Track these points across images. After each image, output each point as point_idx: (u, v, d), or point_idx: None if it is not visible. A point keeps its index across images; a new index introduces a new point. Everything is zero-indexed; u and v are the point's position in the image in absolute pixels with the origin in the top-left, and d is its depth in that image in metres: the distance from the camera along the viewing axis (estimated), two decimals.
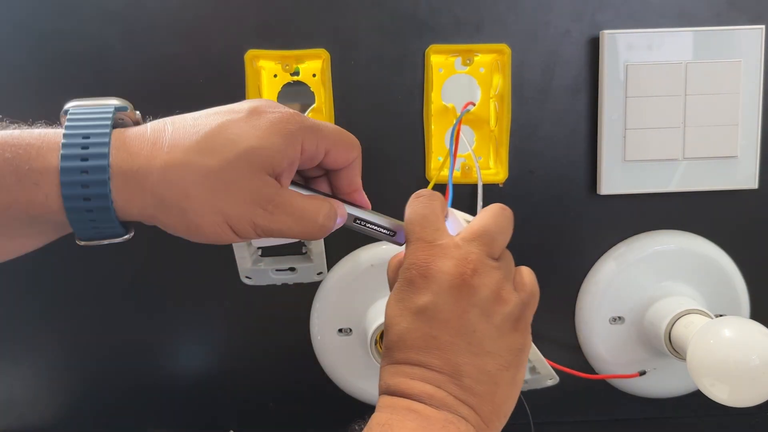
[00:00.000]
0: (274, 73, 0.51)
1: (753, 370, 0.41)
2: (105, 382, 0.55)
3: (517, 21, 0.50)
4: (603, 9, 0.50)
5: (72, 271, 0.53)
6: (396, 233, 0.37)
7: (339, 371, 0.54)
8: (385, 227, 0.37)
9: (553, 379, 0.52)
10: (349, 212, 0.37)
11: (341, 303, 0.53)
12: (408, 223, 0.36)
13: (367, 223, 0.37)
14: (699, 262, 0.53)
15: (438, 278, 0.33)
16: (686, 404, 0.56)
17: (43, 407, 0.56)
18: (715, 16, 0.50)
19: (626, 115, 0.50)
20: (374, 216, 0.37)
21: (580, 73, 0.51)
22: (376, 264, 0.52)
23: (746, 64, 0.50)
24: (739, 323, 0.44)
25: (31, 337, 0.54)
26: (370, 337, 0.48)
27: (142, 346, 0.55)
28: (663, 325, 0.49)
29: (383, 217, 0.37)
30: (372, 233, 0.37)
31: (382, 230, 0.37)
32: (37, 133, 0.30)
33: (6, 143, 0.29)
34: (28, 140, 0.30)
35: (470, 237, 0.34)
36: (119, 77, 0.50)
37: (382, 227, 0.37)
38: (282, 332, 0.55)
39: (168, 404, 0.56)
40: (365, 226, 0.37)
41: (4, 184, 0.29)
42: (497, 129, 0.51)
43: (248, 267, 0.51)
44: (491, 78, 0.51)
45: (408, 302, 0.33)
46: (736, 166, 0.51)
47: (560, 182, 0.52)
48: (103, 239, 0.32)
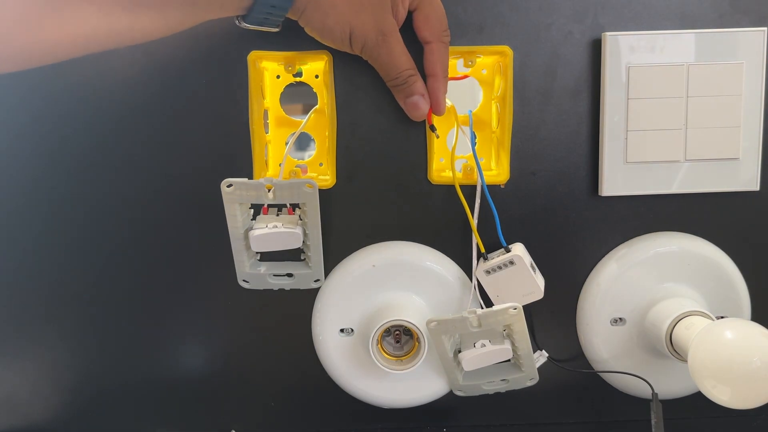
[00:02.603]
0: (276, 74, 0.51)
1: (754, 372, 0.41)
2: (106, 383, 0.56)
3: (519, 23, 0.50)
4: (605, 11, 0.50)
5: (73, 272, 0.53)
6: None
7: (340, 371, 0.54)
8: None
9: (534, 379, 0.52)
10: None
11: (343, 303, 0.53)
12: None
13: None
14: (700, 263, 0.53)
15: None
16: (687, 406, 0.56)
17: (45, 407, 0.56)
18: (717, 18, 0.50)
19: (628, 117, 0.50)
20: None
21: (581, 74, 0.51)
22: (378, 264, 0.52)
23: (748, 66, 0.50)
24: (740, 325, 0.44)
25: (31, 337, 0.55)
26: (372, 338, 0.49)
27: (142, 346, 0.55)
28: (664, 327, 0.49)
29: None
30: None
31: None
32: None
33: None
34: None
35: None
36: (121, 77, 0.50)
37: None
38: (283, 332, 0.55)
39: (169, 404, 0.56)
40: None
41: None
42: (499, 130, 0.52)
43: (246, 271, 0.51)
44: (493, 79, 0.51)
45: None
46: (738, 168, 0.51)
47: (561, 183, 0.52)
48: (263, 25, 0.44)
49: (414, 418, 0.56)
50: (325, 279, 0.53)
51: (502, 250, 0.50)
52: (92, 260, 0.53)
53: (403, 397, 0.54)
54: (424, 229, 0.53)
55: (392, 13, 0.44)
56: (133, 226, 0.52)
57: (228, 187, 0.47)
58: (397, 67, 0.46)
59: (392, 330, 0.51)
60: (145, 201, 0.52)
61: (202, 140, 0.51)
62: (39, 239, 0.53)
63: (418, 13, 0.45)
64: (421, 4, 0.45)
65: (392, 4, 0.44)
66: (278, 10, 0.42)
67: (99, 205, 0.52)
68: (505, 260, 0.49)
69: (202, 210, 0.51)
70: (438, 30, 0.46)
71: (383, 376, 0.52)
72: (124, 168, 0.51)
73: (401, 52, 0.45)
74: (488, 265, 0.49)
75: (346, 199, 0.52)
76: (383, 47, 0.45)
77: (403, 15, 0.45)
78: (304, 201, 0.48)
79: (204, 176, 0.51)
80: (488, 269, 0.49)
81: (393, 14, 0.44)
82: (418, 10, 0.45)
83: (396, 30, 0.45)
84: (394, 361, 0.50)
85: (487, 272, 0.49)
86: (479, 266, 0.50)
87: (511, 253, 0.49)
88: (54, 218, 0.52)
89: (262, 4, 0.41)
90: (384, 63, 0.46)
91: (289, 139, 0.51)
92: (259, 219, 0.49)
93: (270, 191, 0.47)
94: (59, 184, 0.52)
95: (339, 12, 0.43)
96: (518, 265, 0.48)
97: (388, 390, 0.54)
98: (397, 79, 0.46)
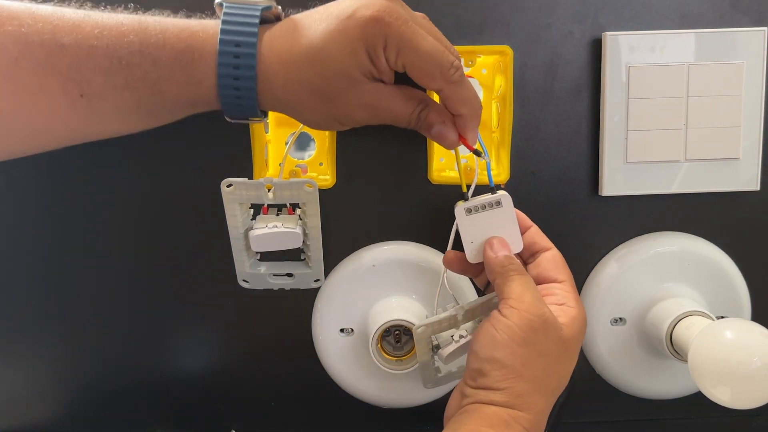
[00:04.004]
0: None
1: (754, 372, 0.41)
2: (106, 383, 0.56)
3: (520, 23, 0.50)
4: (605, 11, 0.50)
5: (73, 272, 0.53)
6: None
7: (341, 371, 0.54)
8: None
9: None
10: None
11: (343, 303, 0.53)
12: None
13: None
14: (700, 263, 0.53)
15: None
16: (687, 406, 0.56)
17: (45, 407, 0.56)
18: (717, 18, 0.50)
19: (628, 117, 0.50)
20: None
21: (582, 74, 0.51)
22: (378, 264, 0.52)
23: (749, 66, 0.50)
24: (740, 325, 0.44)
25: (31, 337, 0.54)
26: (372, 338, 0.49)
27: (142, 346, 0.55)
28: (664, 327, 0.49)
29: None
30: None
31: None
32: (192, 30, 0.38)
33: (169, 42, 0.37)
34: (188, 40, 0.38)
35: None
36: None
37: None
38: (283, 332, 0.55)
39: (169, 404, 0.56)
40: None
41: (176, 80, 0.38)
42: (499, 130, 0.52)
43: (246, 271, 0.51)
44: (493, 79, 0.51)
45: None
46: (738, 168, 0.51)
47: (562, 183, 0.52)
48: (245, 121, 0.41)
49: (414, 419, 0.56)
50: (325, 279, 0.53)
51: (488, 193, 0.46)
52: (92, 260, 0.53)
53: (403, 398, 0.54)
54: (424, 229, 0.53)
55: (370, 77, 0.39)
56: (132, 226, 0.52)
57: (228, 187, 0.47)
58: (402, 116, 0.41)
59: (392, 330, 0.51)
60: (145, 200, 0.52)
61: (202, 140, 0.51)
62: (39, 239, 0.52)
63: (409, 69, 0.39)
64: (404, 59, 0.38)
65: (363, 72, 0.38)
66: (246, 111, 0.40)
67: (99, 204, 0.52)
68: (492, 200, 0.45)
69: (202, 210, 0.51)
70: (440, 74, 0.38)
71: (383, 376, 0.52)
72: (124, 167, 0.51)
73: (398, 104, 0.40)
74: (471, 203, 0.45)
75: (346, 199, 0.52)
76: (377, 115, 0.40)
77: (386, 67, 0.38)
78: (304, 201, 0.48)
79: (204, 176, 0.51)
80: (470, 207, 0.45)
81: (372, 76, 0.39)
82: (406, 66, 0.38)
83: (382, 92, 0.39)
84: (394, 361, 0.50)
85: (468, 211, 0.45)
86: (460, 204, 0.45)
87: (499, 194, 0.45)
88: (54, 218, 0.52)
89: (232, 114, 0.40)
90: (388, 121, 0.41)
91: (289, 138, 0.51)
92: (259, 219, 0.49)
93: (270, 191, 0.47)
94: (59, 184, 0.52)
95: (310, 108, 0.40)
96: (505, 206, 0.44)
97: (388, 390, 0.54)
98: (409, 123, 0.42)
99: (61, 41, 0.36)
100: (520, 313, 0.39)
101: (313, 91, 0.38)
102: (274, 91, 0.39)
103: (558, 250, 0.45)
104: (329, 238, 0.52)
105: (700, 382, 0.43)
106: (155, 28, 0.38)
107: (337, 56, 0.37)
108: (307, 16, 0.39)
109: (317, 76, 0.38)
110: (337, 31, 0.37)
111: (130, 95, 0.38)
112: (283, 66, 0.38)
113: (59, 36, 0.36)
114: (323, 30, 0.38)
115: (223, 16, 0.38)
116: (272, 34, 0.39)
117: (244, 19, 0.38)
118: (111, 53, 0.37)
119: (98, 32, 0.37)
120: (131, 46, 0.37)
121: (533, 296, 0.40)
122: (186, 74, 0.38)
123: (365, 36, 0.37)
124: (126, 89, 0.38)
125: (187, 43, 0.38)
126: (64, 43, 0.36)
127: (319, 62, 0.38)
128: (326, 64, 0.37)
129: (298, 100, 0.39)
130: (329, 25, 0.37)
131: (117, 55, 0.37)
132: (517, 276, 0.42)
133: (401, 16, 0.37)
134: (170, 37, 0.38)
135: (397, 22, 0.37)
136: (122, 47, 0.37)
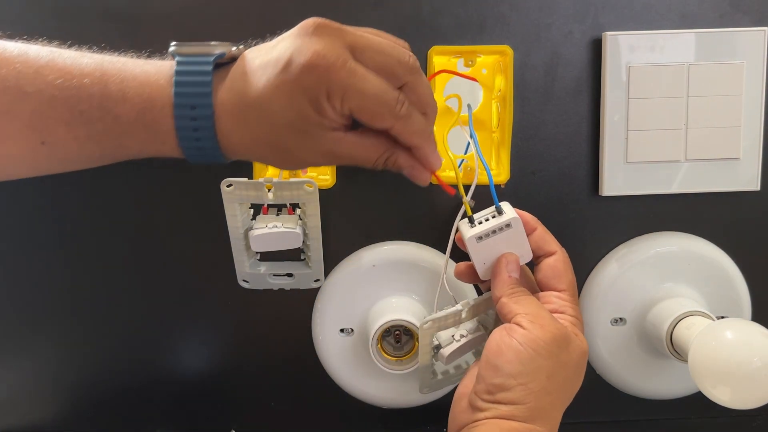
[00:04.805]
0: None
1: (755, 372, 0.41)
2: (105, 383, 0.56)
3: (520, 22, 0.50)
4: (605, 10, 0.50)
5: (73, 272, 0.53)
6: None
7: (340, 371, 0.54)
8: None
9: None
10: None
11: (343, 303, 0.53)
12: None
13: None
14: (701, 263, 0.53)
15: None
16: (687, 406, 0.56)
17: (45, 407, 0.56)
18: (718, 18, 0.50)
19: (628, 117, 0.50)
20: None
21: (582, 74, 0.51)
22: (378, 264, 0.52)
23: (749, 65, 0.50)
24: (740, 325, 0.44)
25: (32, 337, 0.54)
26: (372, 338, 0.49)
27: (142, 346, 0.55)
28: (664, 327, 0.49)
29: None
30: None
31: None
32: (151, 82, 0.37)
33: (129, 99, 0.36)
34: (148, 94, 0.36)
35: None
36: None
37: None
38: (283, 332, 0.55)
39: (169, 404, 0.56)
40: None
41: (138, 138, 0.37)
42: (499, 130, 0.52)
43: (246, 271, 0.51)
44: (493, 79, 0.51)
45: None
46: (739, 168, 0.51)
47: (562, 183, 0.52)
48: (211, 164, 0.40)
49: (414, 419, 0.56)
50: (325, 279, 0.53)
51: (492, 211, 0.45)
52: (92, 260, 0.53)
53: (403, 398, 0.54)
54: (424, 229, 0.53)
55: (322, 128, 0.36)
56: (132, 226, 0.52)
57: (228, 187, 0.47)
58: (366, 163, 0.39)
59: (392, 330, 0.51)
60: (145, 200, 0.52)
61: None
62: (39, 238, 0.52)
63: (356, 114, 0.37)
64: (350, 104, 0.36)
65: (313, 124, 0.36)
66: (210, 158, 0.38)
67: (99, 204, 0.52)
68: (501, 224, 0.43)
69: (202, 210, 0.51)
70: (388, 113, 0.37)
71: (383, 376, 0.52)
72: (124, 167, 0.51)
73: (360, 152, 0.38)
74: (480, 230, 0.43)
75: (346, 199, 0.52)
76: (339, 161, 0.38)
77: (335, 115, 0.36)
78: (304, 201, 0.48)
79: (204, 176, 0.50)
80: (481, 235, 0.43)
81: (324, 126, 0.36)
82: (353, 111, 0.36)
83: (340, 142, 0.37)
84: (394, 361, 0.50)
85: (479, 238, 0.44)
86: (470, 232, 0.44)
87: (507, 215, 0.44)
88: (54, 217, 0.52)
89: (200, 163, 0.39)
90: (354, 163, 0.39)
91: None
92: (259, 219, 0.49)
93: (270, 191, 0.47)
94: (59, 184, 0.52)
95: (272, 159, 0.39)
96: (515, 227, 0.44)
97: (388, 390, 0.54)
98: (375, 168, 0.40)
99: (24, 89, 0.35)
100: (543, 327, 0.39)
101: (268, 144, 0.37)
102: (234, 145, 0.38)
103: (563, 249, 0.45)
104: (329, 238, 0.52)
105: (700, 382, 0.43)
106: (116, 78, 0.36)
107: (281, 112, 0.36)
108: (253, 60, 0.37)
109: (268, 132, 0.37)
110: (276, 86, 0.35)
111: (92, 147, 0.37)
112: (237, 124, 0.37)
113: (22, 83, 0.35)
114: (265, 83, 0.36)
115: (175, 75, 0.36)
116: (224, 88, 0.37)
117: (197, 78, 0.36)
118: (72, 106, 0.36)
119: (60, 82, 0.36)
120: (92, 100, 0.36)
121: (547, 311, 0.41)
122: (148, 133, 0.37)
123: (305, 89, 0.35)
124: (88, 141, 0.37)
125: (147, 101, 0.36)
126: (26, 91, 0.35)
127: (266, 118, 0.36)
128: (274, 120, 0.36)
129: (257, 153, 0.38)
130: (269, 77, 0.36)
131: (78, 109, 0.36)
132: (527, 294, 0.42)
133: (339, 58, 0.35)
134: (130, 92, 0.36)
135: (335, 66, 0.35)
136: (83, 100, 0.36)
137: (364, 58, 0.36)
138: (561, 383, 0.39)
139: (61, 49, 0.38)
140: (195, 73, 0.37)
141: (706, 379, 0.43)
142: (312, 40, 0.35)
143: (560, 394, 0.39)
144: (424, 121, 0.39)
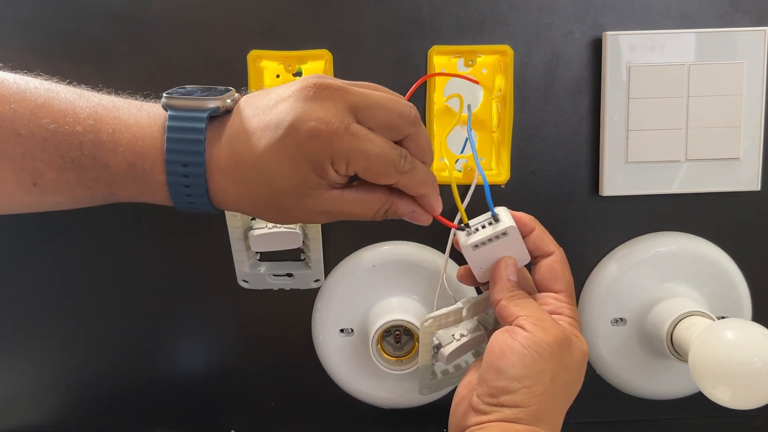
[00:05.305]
0: (276, 74, 0.51)
1: (755, 372, 0.41)
2: (106, 383, 0.56)
3: (520, 22, 0.50)
4: (605, 10, 0.50)
5: (73, 273, 0.53)
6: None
7: (340, 371, 0.54)
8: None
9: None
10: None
11: (343, 303, 0.53)
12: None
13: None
14: (701, 263, 0.53)
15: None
16: (687, 406, 0.56)
17: (45, 407, 0.56)
18: (718, 18, 0.50)
19: (628, 117, 0.50)
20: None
21: (582, 74, 0.51)
22: (378, 264, 0.52)
23: (749, 65, 0.50)
24: (741, 325, 0.44)
25: (32, 337, 0.54)
26: (372, 338, 0.49)
27: (142, 346, 0.55)
28: (665, 327, 0.49)
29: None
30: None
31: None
32: (143, 134, 0.36)
33: (120, 151, 0.36)
34: (140, 147, 0.36)
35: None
36: (121, 78, 0.50)
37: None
38: (283, 332, 0.55)
39: (169, 404, 0.56)
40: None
41: (129, 188, 0.37)
42: (499, 130, 0.52)
43: (246, 271, 0.51)
44: (493, 79, 0.51)
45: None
46: (739, 168, 0.51)
47: (562, 183, 0.52)
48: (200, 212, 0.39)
49: (414, 419, 0.56)
50: (325, 279, 0.53)
51: (488, 218, 0.44)
52: (92, 260, 0.53)
53: (403, 398, 0.54)
54: (424, 229, 0.53)
55: (321, 188, 0.36)
56: (132, 226, 0.52)
57: None
58: (365, 218, 0.39)
59: (392, 330, 0.51)
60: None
61: None
62: (39, 238, 0.52)
63: (362, 174, 0.37)
64: (355, 167, 0.36)
65: (312, 187, 0.36)
66: (200, 208, 0.38)
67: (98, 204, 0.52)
68: (497, 232, 0.43)
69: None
70: (394, 170, 0.36)
71: (383, 376, 0.52)
72: None
73: (358, 208, 0.38)
74: (476, 239, 0.43)
75: None
76: (338, 218, 0.38)
77: (338, 177, 0.36)
78: None
79: None
80: (477, 243, 0.43)
81: (323, 187, 0.36)
82: (358, 172, 0.36)
83: (338, 200, 0.37)
84: (394, 362, 0.50)
85: (475, 246, 0.43)
86: (467, 240, 0.44)
87: (503, 223, 0.43)
88: (53, 217, 0.52)
89: (183, 209, 0.38)
90: (353, 218, 0.38)
91: None
92: (259, 219, 0.49)
93: None
94: None
95: (267, 216, 0.38)
96: (511, 235, 0.43)
97: (388, 390, 0.54)
98: (375, 219, 0.39)
99: (18, 130, 0.35)
100: (545, 329, 0.39)
101: (265, 204, 0.37)
102: (228, 202, 0.37)
103: (561, 249, 0.45)
104: (329, 238, 0.52)
105: (701, 383, 0.43)
106: (109, 127, 0.36)
107: (283, 177, 0.35)
108: (250, 118, 0.36)
109: (268, 194, 0.36)
110: (278, 150, 0.35)
111: (83, 192, 0.37)
112: (232, 183, 0.36)
113: (17, 124, 0.35)
114: (265, 146, 0.35)
115: (167, 131, 0.36)
116: (220, 146, 0.36)
117: (190, 135, 0.36)
118: (63, 152, 0.35)
119: (53, 127, 0.35)
120: (83, 148, 0.35)
121: (548, 314, 0.40)
122: (138, 185, 0.37)
123: (308, 156, 0.34)
124: (78, 186, 0.36)
125: (139, 155, 0.36)
126: (20, 133, 0.35)
127: (266, 181, 0.36)
128: (273, 182, 0.35)
129: (253, 211, 0.38)
130: (270, 139, 0.35)
131: (69, 155, 0.35)
132: (527, 297, 0.42)
133: (342, 123, 0.34)
134: (122, 143, 0.36)
135: (338, 132, 0.34)
136: (74, 147, 0.35)
137: (366, 117, 0.36)
138: (563, 385, 0.39)
139: (60, 86, 0.37)
140: (188, 130, 0.36)
141: (707, 379, 0.43)
142: (314, 105, 0.35)
143: (562, 396, 0.39)
144: (426, 171, 0.39)
